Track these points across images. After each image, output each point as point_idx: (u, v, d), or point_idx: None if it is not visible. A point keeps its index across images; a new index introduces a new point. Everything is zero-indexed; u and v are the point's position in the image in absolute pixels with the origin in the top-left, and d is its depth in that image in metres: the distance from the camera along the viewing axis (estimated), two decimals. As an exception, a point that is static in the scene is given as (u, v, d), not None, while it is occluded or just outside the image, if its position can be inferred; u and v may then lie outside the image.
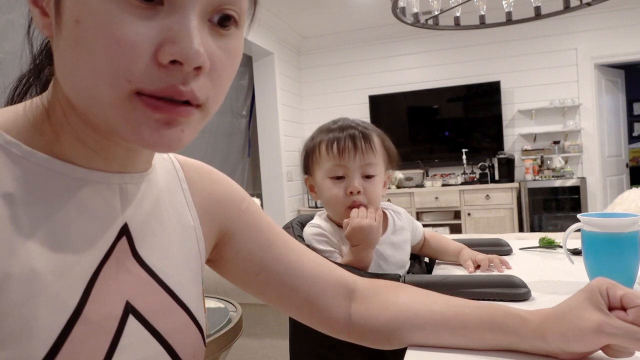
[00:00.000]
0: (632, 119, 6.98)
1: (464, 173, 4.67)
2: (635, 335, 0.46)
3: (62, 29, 0.37)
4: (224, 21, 0.40)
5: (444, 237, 1.18)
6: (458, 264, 1.09)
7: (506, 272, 0.99)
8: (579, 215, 0.86)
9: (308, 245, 1.01)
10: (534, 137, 4.67)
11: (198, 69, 0.37)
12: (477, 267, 1.01)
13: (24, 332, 0.36)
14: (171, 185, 0.53)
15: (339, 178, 0.99)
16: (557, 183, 4.37)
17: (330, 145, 0.99)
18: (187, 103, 0.38)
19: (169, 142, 0.38)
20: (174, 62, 0.36)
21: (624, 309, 0.49)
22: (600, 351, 0.51)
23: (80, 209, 0.42)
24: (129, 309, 0.43)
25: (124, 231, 0.45)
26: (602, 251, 0.82)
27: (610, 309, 0.50)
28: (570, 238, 0.90)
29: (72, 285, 0.39)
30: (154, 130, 0.38)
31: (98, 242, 0.42)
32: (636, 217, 0.80)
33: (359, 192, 0.97)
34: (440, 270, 1.10)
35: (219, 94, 0.41)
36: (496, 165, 4.55)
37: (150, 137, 0.38)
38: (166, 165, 0.54)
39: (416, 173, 4.77)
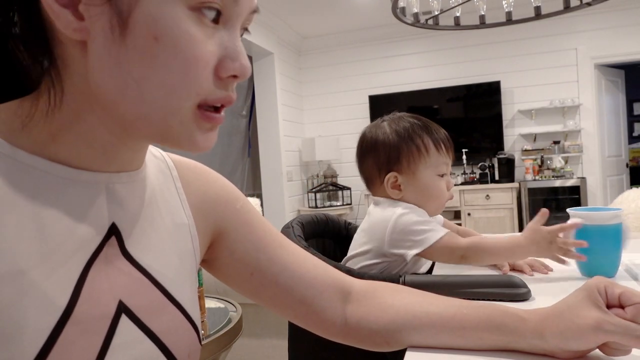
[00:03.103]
0: (632, 119, 6.99)
1: (464, 173, 4.67)
2: (634, 332, 0.46)
3: (129, 41, 0.38)
4: (242, 34, 0.45)
5: (477, 234, 1.16)
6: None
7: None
8: (568, 210, 0.93)
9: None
10: (534, 137, 4.67)
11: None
12: (512, 269, 0.99)
13: (13, 333, 0.35)
14: (164, 183, 0.53)
15: (442, 176, 1.07)
16: (557, 183, 4.38)
17: (439, 144, 1.06)
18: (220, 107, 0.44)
19: (209, 144, 0.44)
20: (230, 76, 0.41)
21: (622, 306, 0.49)
22: (597, 350, 0.51)
23: (67, 209, 0.41)
24: (122, 308, 0.43)
25: (112, 231, 0.45)
26: (588, 241, 0.88)
27: (608, 307, 0.50)
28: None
29: (61, 285, 0.39)
30: (204, 136, 0.43)
31: (85, 242, 0.42)
32: (619, 210, 0.89)
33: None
34: (441, 270, 1.10)
35: None
36: (496, 165, 4.55)
37: (202, 142, 0.43)
38: (158, 164, 0.54)
39: (416, 173, 4.77)
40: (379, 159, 1.07)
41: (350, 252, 1.13)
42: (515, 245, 0.94)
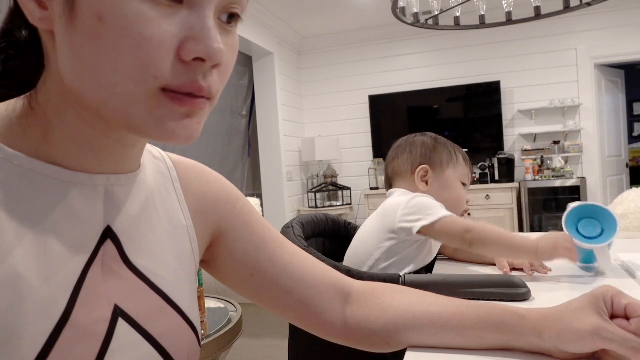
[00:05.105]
0: (632, 119, 6.98)
1: (464, 173, 4.67)
2: (630, 343, 0.46)
3: (78, 24, 0.36)
4: (229, 19, 0.42)
5: None
6: (481, 263, 1.10)
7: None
8: (570, 204, 0.99)
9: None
10: (534, 137, 4.67)
11: (215, 65, 0.39)
12: (513, 269, 1.01)
13: (12, 337, 0.35)
14: (162, 185, 0.53)
15: (464, 185, 1.19)
16: (557, 183, 4.37)
17: (466, 159, 1.22)
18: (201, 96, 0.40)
19: (189, 133, 0.40)
20: (195, 59, 0.38)
21: (627, 318, 0.49)
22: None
23: (65, 212, 0.41)
24: (118, 313, 0.43)
25: (108, 234, 0.44)
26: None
27: (614, 316, 0.50)
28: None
29: (59, 289, 0.39)
30: (177, 123, 0.39)
31: (83, 246, 0.42)
32: (603, 243, 0.92)
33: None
34: (441, 270, 1.10)
35: (222, 88, 0.43)
36: (496, 165, 4.55)
37: (174, 130, 0.39)
38: (157, 165, 0.54)
39: (416, 173, 4.77)
40: (414, 155, 1.19)
41: (355, 239, 1.14)
42: (520, 239, 0.95)
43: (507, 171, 4.45)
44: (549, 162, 4.54)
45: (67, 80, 0.39)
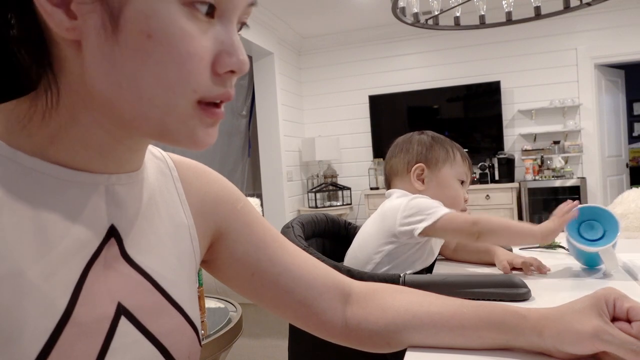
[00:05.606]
0: (632, 119, 6.99)
1: (464, 173, 4.66)
2: (630, 346, 0.47)
3: (121, 39, 0.37)
4: (240, 28, 0.44)
5: None
6: (480, 263, 1.10)
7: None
8: (579, 206, 0.97)
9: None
10: (534, 137, 4.67)
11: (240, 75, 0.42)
12: (513, 268, 1.01)
13: (13, 335, 0.35)
14: (163, 184, 0.53)
15: (461, 183, 1.19)
16: (557, 183, 4.37)
17: (465, 157, 1.22)
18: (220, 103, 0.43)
19: (210, 140, 0.43)
20: (227, 71, 0.41)
21: (629, 321, 0.49)
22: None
23: (66, 211, 0.41)
24: (121, 310, 0.43)
25: (112, 233, 0.44)
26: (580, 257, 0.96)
27: (615, 319, 0.50)
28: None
29: (60, 287, 0.39)
30: (204, 131, 0.42)
31: (85, 244, 0.42)
32: (605, 245, 0.92)
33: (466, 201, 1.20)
34: (441, 270, 1.10)
35: None
36: (496, 165, 4.55)
37: (202, 138, 0.42)
38: (159, 164, 0.54)
39: (416, 173, 4.76)
40: (411, 154, 1.19)
41: (355, 242, 1.14)
42: (524, 225, 0.98)
43: (507, 171, 4.45)
44: (549, 162, 4.54)
45: (96, 89, 0.39)
